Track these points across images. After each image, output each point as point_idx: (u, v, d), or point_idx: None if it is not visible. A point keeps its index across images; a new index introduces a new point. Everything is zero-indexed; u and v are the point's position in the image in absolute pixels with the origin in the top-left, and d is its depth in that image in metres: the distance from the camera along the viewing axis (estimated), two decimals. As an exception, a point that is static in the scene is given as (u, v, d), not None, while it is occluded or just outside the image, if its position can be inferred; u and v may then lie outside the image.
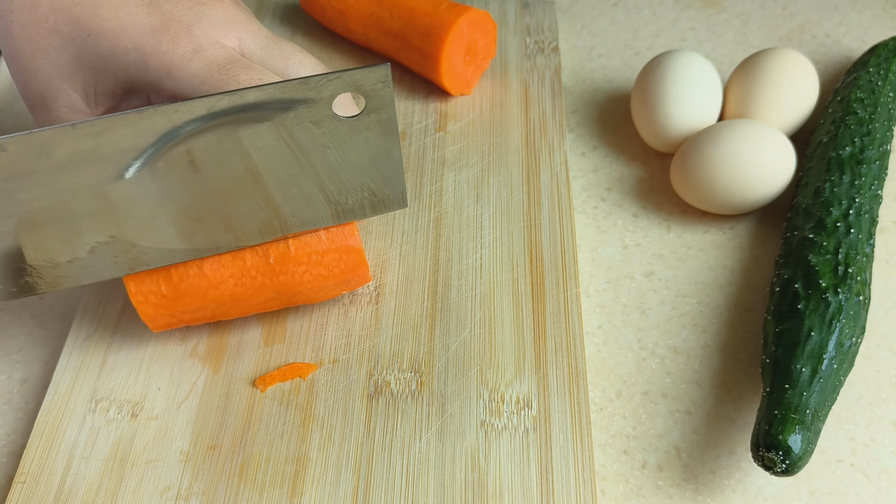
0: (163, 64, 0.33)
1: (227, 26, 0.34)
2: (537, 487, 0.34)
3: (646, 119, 0.47)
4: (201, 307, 0.37)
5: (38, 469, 0.36)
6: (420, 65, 0.50)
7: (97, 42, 0.33)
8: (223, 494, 0.35)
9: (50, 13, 0.33)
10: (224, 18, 0.35)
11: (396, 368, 0.38)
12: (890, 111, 0.46)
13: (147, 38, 0.33)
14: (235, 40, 0.35)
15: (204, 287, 0.36)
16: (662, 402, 0.39)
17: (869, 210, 0.40)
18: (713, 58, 0.55)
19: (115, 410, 0.38)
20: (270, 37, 0.36)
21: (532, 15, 0.55)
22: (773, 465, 0.32)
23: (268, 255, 0.37)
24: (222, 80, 0.33)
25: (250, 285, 0.37)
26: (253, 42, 0.35)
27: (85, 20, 0.33)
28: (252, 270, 0.37)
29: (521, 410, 0.37)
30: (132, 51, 0.33)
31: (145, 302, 0.36)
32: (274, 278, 0.37)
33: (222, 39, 0.34)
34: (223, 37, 0.34)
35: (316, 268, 0.37)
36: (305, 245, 0.37)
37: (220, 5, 0.35)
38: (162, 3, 0.34)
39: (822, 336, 0.35)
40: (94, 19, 0.33)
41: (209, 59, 0.33)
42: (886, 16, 0.57)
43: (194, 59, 0.33)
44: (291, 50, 0.36)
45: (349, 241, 0.37)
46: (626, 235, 0.45)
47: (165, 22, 0.33)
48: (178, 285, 0.36)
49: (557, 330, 0.39)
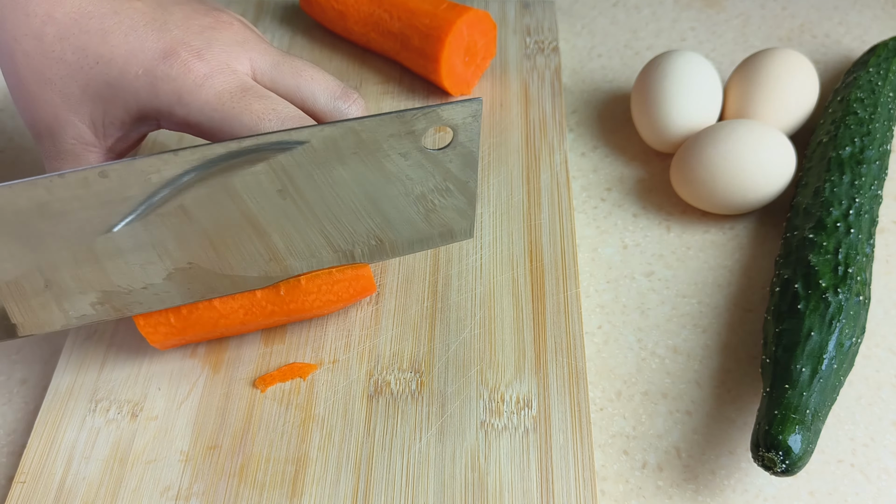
0: (174, 90, 0.32)
1: (238, 48, 0.34)
2: (537, 487, 0.34)
3: (646, 119, 0.47)
4: (209, 333, 0.38)
5: (38, 469, 0.36)
6: (420, 65, 0.50)
7: (106, 69, 0.32)
8: (223, 494, 0.35)
9: (56, 42, 0.32)
10: (234, 40, 0.34)
11: (396, 368, 0.38)
12: (890, 111, 0.46)
13: (157, 63, 0.32)
14: (247, 62, 0.34)
15: (214, 318, 0.37)
16: (662, 402, 0.39)
17: (869, 210, 0.40)
18: (713, 58, 0.55)
19: (115, 410, 0.38)
20: (281, 54, 0.35)
21: (532, 15, 0.55)
22: (773, 465, 0.32)
23: (279, 288, 0.37)
24: (234, 109, 0.32)
25: (260, 314, 0.37)
26: (263, 61, 0.35)
27: (93, 48, 0.32)
28: (262, 301, 0.37)
29: (521, 410, 0.37)
30: (142, 76, 0.32)
31: (154, 332, 0.37)
32: (283, 306, 0.37)
33: (233, 63, 0.34)
34: (234, 60, 0.34)
35: (326, 295, 0.38)
36: (316, 276, 0.37)
37: (230, 28, 0.35)
38: (172, 27, 0.33)
39: (822, 336, 0.35)
40: (103, 47, 0.32)
41: (220, 87, 0.33)
42: (886, 16, 0.57)
43: (205, 86, 0.32)
44: (302, 66, 0.35)
45: (359, 269, 0.38)
46: (626, 235, 0.45)
47: (175, 46, 0.33)
48: (188, 317, 0.36)
49: (557, 330, 0.39)
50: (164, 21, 0.33)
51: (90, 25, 0.32)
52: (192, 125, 0.33)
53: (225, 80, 0.33)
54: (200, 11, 0.35)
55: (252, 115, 0.32)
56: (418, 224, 0.37)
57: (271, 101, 0.33)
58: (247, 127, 0.32)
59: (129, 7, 0.33)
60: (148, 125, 0.35)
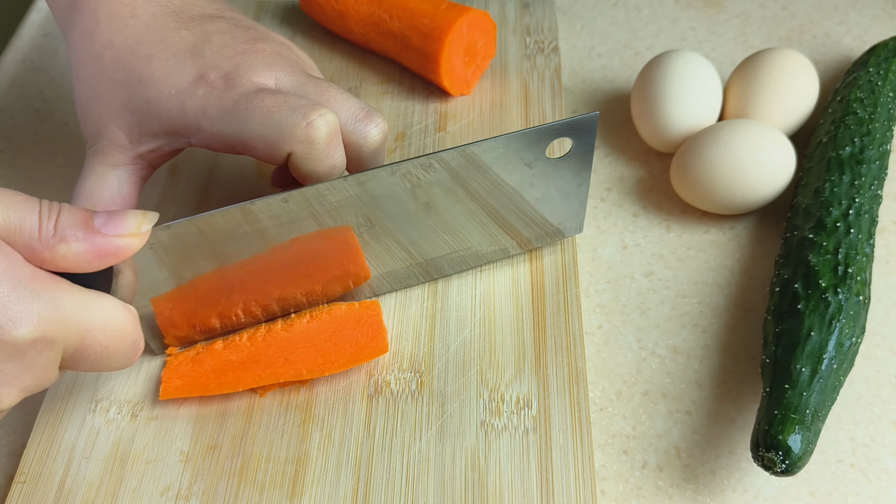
0: (199, 106, 0.35)
1: (265, 68, 0.36)
2: (537, 487, 0.34)
3: (646, 119, 0.47)
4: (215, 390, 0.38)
5: (38, 469, 0.36)
6: (420, 65, 0.50)
7: (146, 88, 0.36)
8: (223, 494, 0.35)
9: (111, 64, 0.36)
10: (263, 62, 0.36)
11: (396, 368, 0.38)
12: (890, 111, 0.46)
13: (188, 85, 0.35)
14: (272, 79, 0.36)
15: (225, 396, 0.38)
16: (662, 402, 0.39)
17: (869, 210, 0.40)
18: (713, 58, 0.55)
19: (115, 410, 0.38)
20: (307, 76, 0.37)
21: (532, 15, 0.55)
22: (773, 465, 0.32)
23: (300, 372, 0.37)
24: (248, 107, 0.34)
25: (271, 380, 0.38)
26: (288, 80, 0.36)
27: (139, 70, 0.36)
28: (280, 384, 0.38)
29: (521, 410, 0.37)
30: (174, 96, 0.35)
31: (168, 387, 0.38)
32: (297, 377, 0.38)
33: (256, 78, 0.35)
34: (258, 76, 0.35)
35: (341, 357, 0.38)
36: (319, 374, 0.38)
37: (261, 53, 0.36)
38: (207, 53, 0.36)
39: (822, 336, 0.35)
40: (147, 69, 0.36)
41: (238, 94, 0.35)
42: (886, 16, 0.57)
43: (225, 97, 0.35)
44: (326, 87, 0.36)
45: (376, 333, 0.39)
46: (626, 235, 0.45)
47: (206, 70, 0.35)
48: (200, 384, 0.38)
49: (557, 330, 0.39)
50: (201, 48, 0.36)
51: (140, 50, 0.36)
52: (215, 135, 0.35)
53: (244, 89, 0.35)
54: (239, 39, 0.37)
55: (264, 109, 0.34)
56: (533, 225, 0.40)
57: (285, 96, 0.34)
58: (257, 120, 0.34)
59: (175, 36, 0.36)
60: (179, 141, 0.37)
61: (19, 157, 0.50)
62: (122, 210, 0.30)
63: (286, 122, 0.34)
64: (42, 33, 0.58)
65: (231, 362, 0.38)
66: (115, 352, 0.31)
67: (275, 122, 0.34)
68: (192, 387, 0.37)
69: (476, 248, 0.40)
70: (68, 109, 0.53)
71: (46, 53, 0.57)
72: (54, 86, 0.55)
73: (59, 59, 0.56)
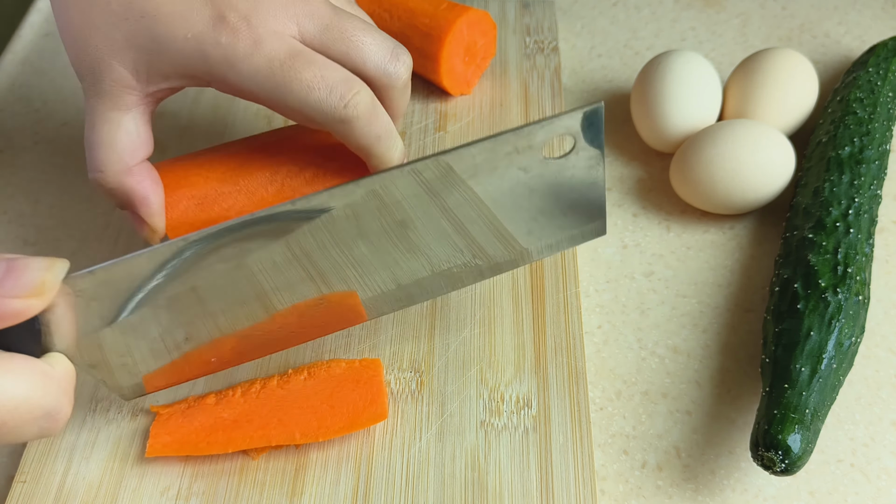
0: (225, 57, 0.33)
1: (283, 12, 0.34)
2: (537, 487, 0.34)
3: (646, 119, 0.47)
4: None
5: (38, 469, 0.36)
6: (420, 65, 0.50)
7: (151, 24, 0.33)
8: (223, 494, 0.35)
9: None
10: (280, 3, 0.34)
11: (396, 368, 0.38)
12: (889, 111, 0.46)
13: (206, 29, 0.33)
14: (294, 27, 0.34)
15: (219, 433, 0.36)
16: (662, 402, 0.39)
17: (868, 210, 0.40)
18: (713, 58, 0.55)
19: (115, 410, 0.38)
20: (330, 15, 0.35)
21: (532, 15, 0.56)
22: (773, 465, 0.32)
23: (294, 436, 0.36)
24: (285, 78, 0.33)
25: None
26: (311, 25, 0.35)
27: (138, 3, 0.33)
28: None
29: (521, 410, 0.37)
30: (191, 39, 0.33)
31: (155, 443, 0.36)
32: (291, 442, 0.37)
33: (280, 28, 0.34)
34: (281, 25, 0.34)
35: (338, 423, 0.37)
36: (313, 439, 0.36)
37: None
38: None
39: (822, 336, 0.35)
40: (148, 4, 0.33)
41: (270, 54, 0.33)
42: (886, 16, 0.57)
43: (255, 55, 0.33)
44: (351, 30, 0.35)
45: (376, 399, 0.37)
46: (626, 235, 0.45)
47: (223, 12, 0.33)
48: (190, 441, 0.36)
49: (557, 330, 0.39)
50: None
51: None
52: (244, 91, 0.34)
53: (274, 46, 0.34)
54: None
55: (302, 84, 0.33)
56: (547, 230, 0.35)
57: (320, 68, 0.34)
58: (296, 97, 0.33)
59: None
60: (197, 82, 0.35)
61: (19, 157, 0.50)
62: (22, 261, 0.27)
63: (325, 104, 0.33)
64: (42, 34, 0.58)
65: (223, 420, 0.36)
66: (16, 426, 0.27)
67: (313, 102, 0.33)
68: (180, 444, 0.35)
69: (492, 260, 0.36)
70: (68, 109, 0.53)
71: (46, 54, 0.57)
72: (54, 86, 0.55)
73: (59, 59, 0.56)
